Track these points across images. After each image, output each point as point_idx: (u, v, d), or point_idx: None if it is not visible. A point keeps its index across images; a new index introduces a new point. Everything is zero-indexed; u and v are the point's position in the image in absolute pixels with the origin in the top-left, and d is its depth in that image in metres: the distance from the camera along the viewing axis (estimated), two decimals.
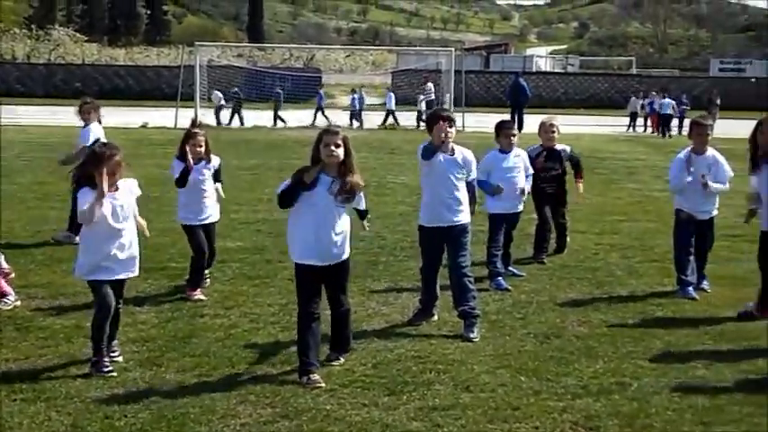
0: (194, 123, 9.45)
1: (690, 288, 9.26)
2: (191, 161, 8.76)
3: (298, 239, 6.67)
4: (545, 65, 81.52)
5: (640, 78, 62.97)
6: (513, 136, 9.86)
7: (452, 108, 31.81)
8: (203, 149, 8.92)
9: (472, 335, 7.68)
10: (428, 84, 40.47)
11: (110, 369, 6.63)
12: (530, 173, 10.12)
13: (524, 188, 9.89)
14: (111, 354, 6.84)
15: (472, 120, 33.87)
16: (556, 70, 77.52)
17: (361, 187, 6.75)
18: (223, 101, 38.10)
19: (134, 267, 6.88)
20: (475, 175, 8.07)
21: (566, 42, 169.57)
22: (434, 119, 7.85)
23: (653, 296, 9.31)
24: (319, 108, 39.55)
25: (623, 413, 6.03)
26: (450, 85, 37.67)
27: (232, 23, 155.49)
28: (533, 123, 15.01)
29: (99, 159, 6.59)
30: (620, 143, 31.54)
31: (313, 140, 6.69)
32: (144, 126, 34.27)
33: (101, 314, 6.69)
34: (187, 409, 5.97)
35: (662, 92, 40.89)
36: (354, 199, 6.74)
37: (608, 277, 10.18)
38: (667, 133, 35.97)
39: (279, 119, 37.43)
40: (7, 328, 7.79)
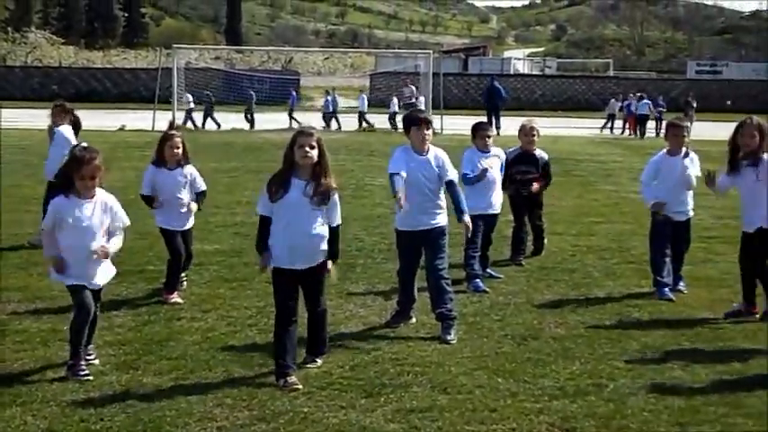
0: (171, 126, 9.41)
1: (666, 289, 9.31)
2: (159, 202, 8.85)
3: (274, 243, 6.64)
4: (523, 67, 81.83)
5: (618, 80, 63.51)
6: (489, 137, 9.90)
7: (430, 111, 31.89)
8: (180, 151, 8.89)
9: (450, 337, 7.68)
10: (410, 87, 40.43)
11: (86, 373, 6.58)
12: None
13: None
14: (87, 357, 6.79)
15: (449, 122, 33.92)
16: (534, 72, 77.87)
17: (333, 189, 6.70)
18: (193, 104, 37.89)
19: (107, 274, 6.86)
20: (453, 176, 7.91)
21: (543, 45, 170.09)
22: (412, 122, 7.85)
23: (630, 297, 9.35)
24: (291, 110, 39.51)
25: (600, 414, 6.05)
26: (428, 88, 37.71)
27: (210, 26, 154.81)
28: (512, 126, 15.05)
29: (79, 163, 6.55)
30: (597, 145, 31.69)
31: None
32: (121, 129, 34.15)
33: (80, 318, 6.64)
34: (164, 413, 5.94)
35: (639, 93, 41.17)
36: (329, 202, 6.66)
37: (585, 279, 10.22)
38: (644, 133, 36.20)
39: (248, 120, 37.47)
40: None
